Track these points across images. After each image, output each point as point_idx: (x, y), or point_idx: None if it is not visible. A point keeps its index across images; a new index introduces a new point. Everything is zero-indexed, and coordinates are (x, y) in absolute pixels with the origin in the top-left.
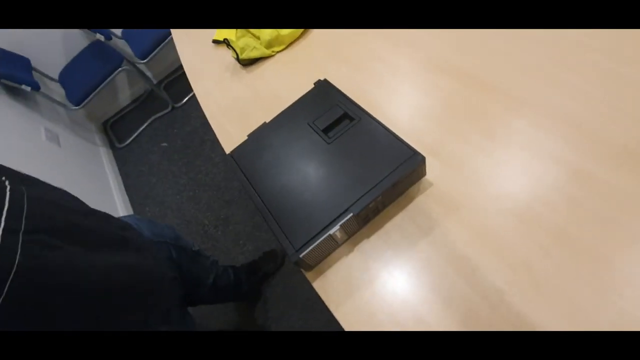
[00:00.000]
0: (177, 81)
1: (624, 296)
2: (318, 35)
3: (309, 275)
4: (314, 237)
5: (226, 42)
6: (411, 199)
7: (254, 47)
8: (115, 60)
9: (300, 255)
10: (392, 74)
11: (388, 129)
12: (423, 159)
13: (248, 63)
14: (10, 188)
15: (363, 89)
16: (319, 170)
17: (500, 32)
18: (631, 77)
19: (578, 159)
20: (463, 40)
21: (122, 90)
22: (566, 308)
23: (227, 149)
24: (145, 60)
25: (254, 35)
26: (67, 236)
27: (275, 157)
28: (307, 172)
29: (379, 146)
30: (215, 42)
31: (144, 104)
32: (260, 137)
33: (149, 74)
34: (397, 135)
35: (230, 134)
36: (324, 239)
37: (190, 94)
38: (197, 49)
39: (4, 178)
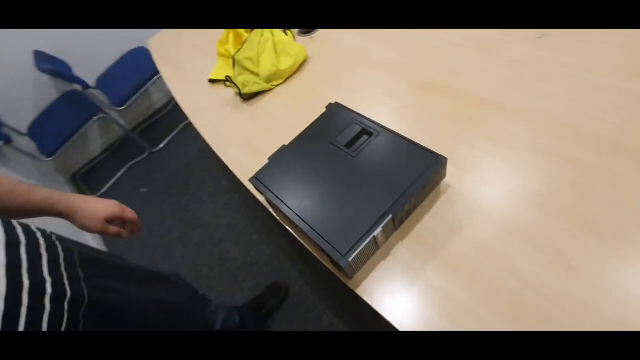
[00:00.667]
0: (152, 127)
1: None
2: (315, 70)
3: (350, 283)
4: (359, 240)
5: (228, 79)
6: (435, 202)
7: (255, 82)
8: (90, 109)
9: (349, 259)
10: (393, 97)
11: (406, 138)
12: (446, 160)
13: (249, 97)
14: (60, 242)
15: (368, 110)
16: (349, 181)
17: (484, 56)
18: (597, 81)
19: (575, 152)
20: (451, 64)
21: (93, 140)
22: (600, 281)
23: (240, 176)
24: (122, 107)
25: (252, 72)
26: (120, 277)
27: (302, 174)
28: (338, 184)
29: (403, 154)
30: (212, 81)
31: (118, 152)
32: (282, 158)
33: (122, 122)
34: (416, 143)
35: (240, 160)
36: (369, 241)
37: (168, 138)
38: (191, 88)
39: (54, 237)
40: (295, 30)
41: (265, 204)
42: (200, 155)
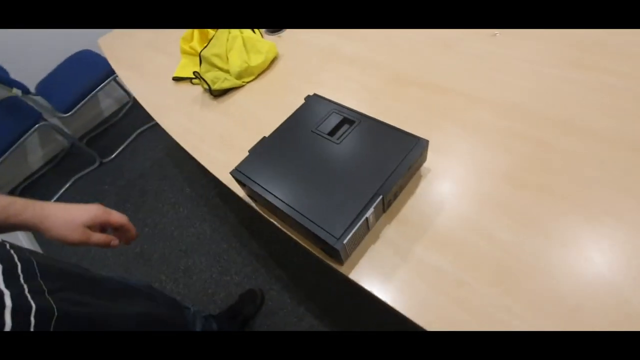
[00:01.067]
0: (101, 136)
1: (613, 221)
2: (286, 66)
3: (342, 269)
4: (352, 222)
5: (197, 75)
6: (417, 184)
7: (225, 79)
8: (30, 116)
9: (344, 242)
10: (366, 90)
11: (388, 124)
12: (427, 142)
13: (219, 94)
14: (16, 252)
15: (344, 103)
16: (335, 167)
17: (446, 52)
18: (549, 72)
19: (536, 133)
20: (416, 59)
21: (34, 151)
22: (572, 244)
23: (217, 173)
24: (68, 114)
25: (220, 69)
26: (90, 291)
27: (286, 163)
28: (324, 171)
29: (386, 139)
30: (177, 78)
31: (62, 164)
32: (263, 149)
33: (67, 130)
34: (398, 128)
35: (213, 157)
36: (361, 223)
37: (121, 148)
38: (153, 87)
39: (8, 245)
40: (263, 30)
41: (245, 198)
42: (157, 165)
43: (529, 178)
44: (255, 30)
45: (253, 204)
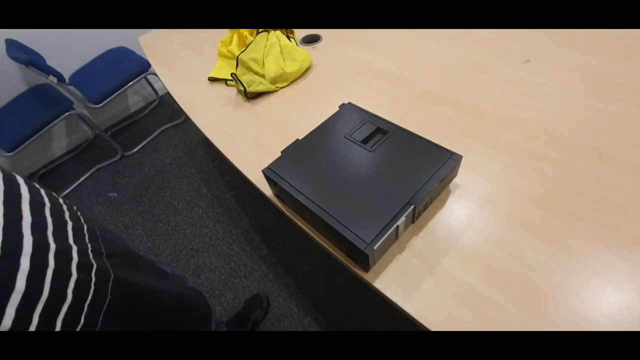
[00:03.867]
0: (125, 130)
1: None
2: (319, 75)
3: (367, 276)
4: (383, 229)
5: (234, 77)
6: (446, 199)
7: (260, 82)
8: (62, 104)
9: (374, 247)
10: (396, 104)
11: (421, 137)
12: (460, 157)
13: (253, 97)
14: (82, 214)
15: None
16: (367, 174)
17: (476, 74)
18: (575, 101)
19: (566, 158)
20: (447, 78)
21: (58, 139)
22: (599, 269)
23: (245, 171)
24: (98, 105)
25: (256, 73)
26: (135, 263)
27: (319, 166)
28: (357, 176)
29: (419, 151)
30: (212, 79)
31: (84, 154)
32: (296, 151)
33: (95, 121)
34: (432, 142)
35: (244, 156)
36: (392, 231)
37: (143, 143)
38: (188, 86)
39: (75, 207)
40: (299, 39)
41: (272, 198)
42: (176, 163)
43: (558, 201)
44: (292, 39)
45: (279, 204)
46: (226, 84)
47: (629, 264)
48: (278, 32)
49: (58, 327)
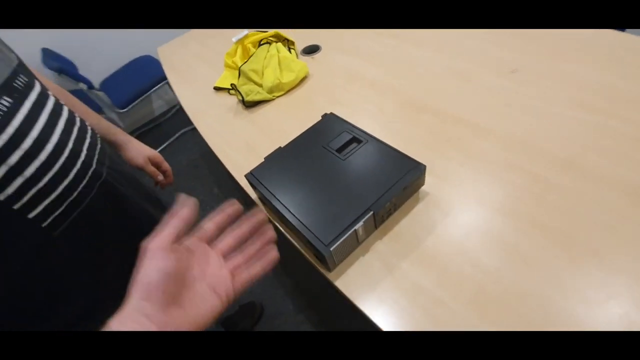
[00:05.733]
0: (149, 133)
1: (596, 261)
2: (314, 84)
3: (330, 275)
4: (341, 232)
5: (233, 87)
6: (413, 206)
7: (258, 92)
8: (92, 108)
9: (331, 249)
10: (382, 113)
11: (392, 147)
12: (424, 167)
13: (251, 105)
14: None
15: (359, 123)
16: (337, 181)
17: (461, 83)
18: (555, 112)
19: (534, 167)
20: (433, 88)
21: None
22: (550, 277)
23: (235, 175)
24: (124, 110)
25: (255, 83)
26: (130, 183)
27: (295, 173)
28: (327, 183)
29: (387, 160)
30: (217, 88)
31: None
32: (277, 158)
33: (121, 124)
34: (400, 151)
35: (236, 160)
36: (350, 234)
37: (163, 145)
38: (196, 94)
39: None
40: (299, 50)
41: (257, 201)
42: (192, 165)
43: (522, 210)
44: (292, 51)
45: (263, 208)
46: (229, 92)
47: (583, 274)
48: (279, 45)
49: (41, 207)
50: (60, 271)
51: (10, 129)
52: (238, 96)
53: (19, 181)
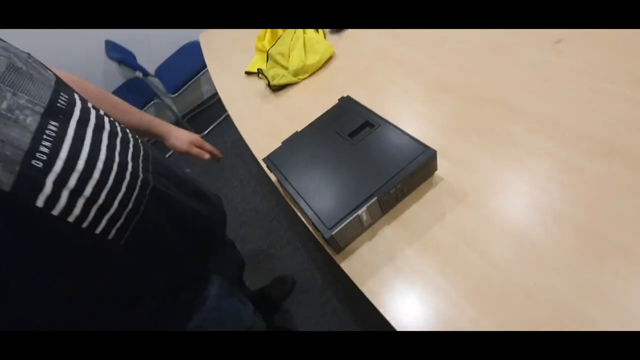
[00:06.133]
0: (199, 116)
1: (623, 260)
2: (339, 65)
3: (337, 257)
4: (343, 217)
5: (259, 72)
6: (425, 192)
7: (283, 75)
8: (148, 94)
9: (333, 233)
10: (404, 93)
11: (403, 131)
12: (435, 152)
13: (277, 89)
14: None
15: (380, 105)
16: (346, 166)
17: (498, 57)
18: (604, 88)
19: (566, 153)
20: (463, 64)
21: None
22: (567, 276)
23: (259, 156)
24: (175, 95)
25: (282, 66)
26: (175, 183)
27: (307, 157)
28: (336, 168)
29: (397, 145)
30: (248, 73)
31: None
32: (293, 142)
33: (174, 108)
34: (411, 136)
35: (261, 144)
36: (352, 219)
37: (212, 126)
38: (230, 79)
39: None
40: (327, 30)
41: (276, 183)
42: (235, 145)
43: (544, 200)
44: (320, 30)
45: (280, 190)
46: (258, 77)
47: (605, 273)
48: None
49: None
50: (133, 275)
51: (63, 154)
52: (265, 80)
53: (81, 202)
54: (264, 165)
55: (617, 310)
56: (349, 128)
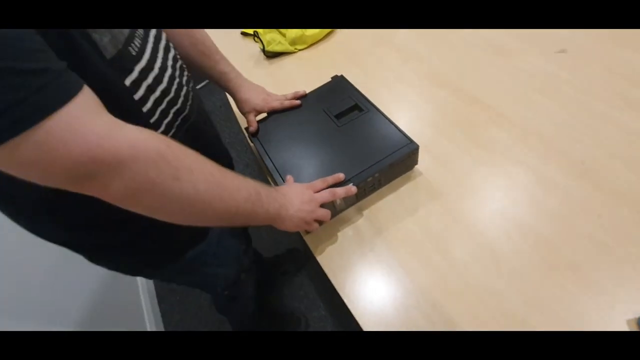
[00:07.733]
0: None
1: (574, 277)
2: (339, 41)
3: (306, 238)
4: None
5: (255, 34)
6: (402, 184)
7: (279, 42)
8: None
9: None
10: (399, 82)
11: (391, 120)
12: (417, 147)
13: (272, 55)
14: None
15: (372, 90)
16: (327, 147)
17: (496, 61)
18: (594, 107)
19: (543, 167)
20: (462, 61)
21: None
22: (518, 283)
23: (243, 124)
24: None
25: (280, 32)
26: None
27: (291, 133)
28: (317, 148)
29: (382, 134)
30: (244, 34)
31: None
32: (279, 116)
33: None
34: (398, 127)
35: None
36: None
37: (202, 84)
38: (226, 39)
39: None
40: None
41: (255, 154)
42: (225, 107)
43: (512, 211)
44: None
45: (259, 160)
46: (254, 39)
47: (553, 286)
48: None
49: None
50: None
51: (147, 54)
52: (259, 45)
53: (152, 99)
54: (245, 134)
55: (553, 316)
56: (337, 108)
